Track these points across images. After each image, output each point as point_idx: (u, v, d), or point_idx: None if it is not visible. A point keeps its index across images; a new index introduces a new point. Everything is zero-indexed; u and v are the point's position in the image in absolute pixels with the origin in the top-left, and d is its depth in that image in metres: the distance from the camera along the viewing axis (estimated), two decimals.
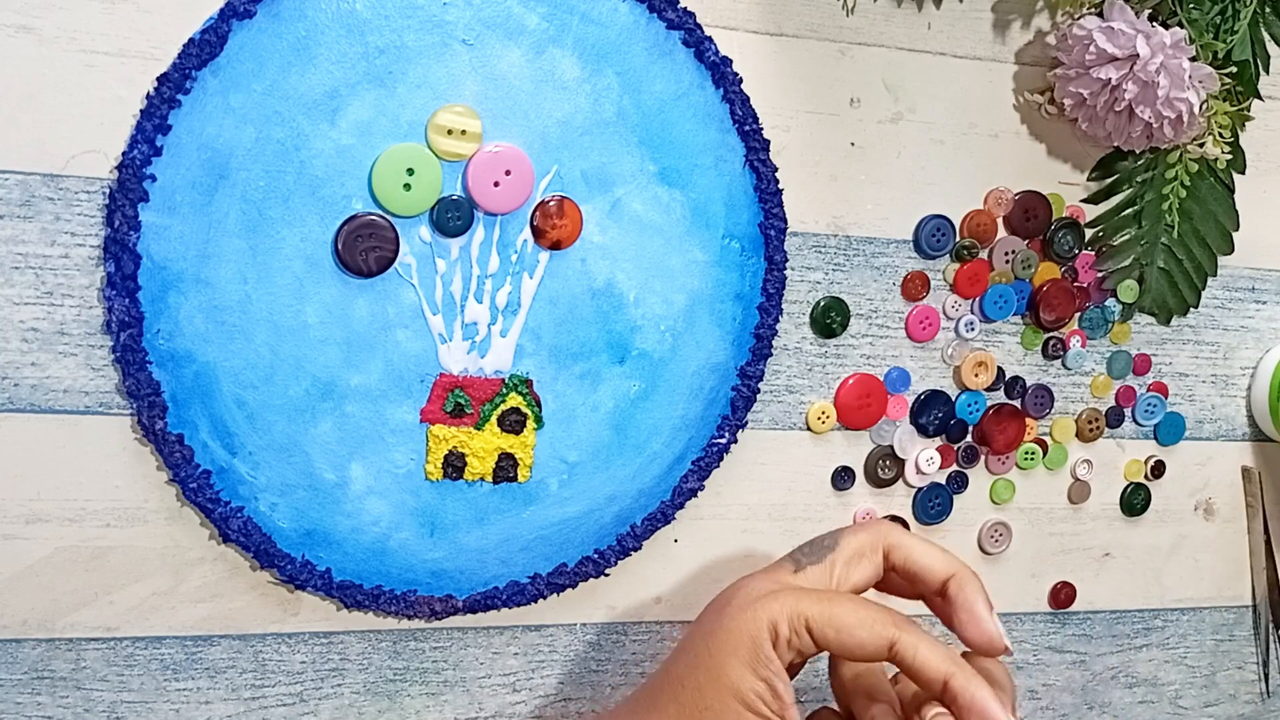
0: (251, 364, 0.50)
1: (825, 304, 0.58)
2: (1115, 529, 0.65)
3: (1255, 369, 0.67)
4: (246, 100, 0.48)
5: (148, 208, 0.48)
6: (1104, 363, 0.64)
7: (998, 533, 0.62)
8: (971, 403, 0.60)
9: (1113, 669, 0.66)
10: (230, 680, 0.52)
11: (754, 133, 0.55)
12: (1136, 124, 0.57)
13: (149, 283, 0.48)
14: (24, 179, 0.47)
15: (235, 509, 0.50)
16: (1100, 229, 0.62)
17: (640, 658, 0.58)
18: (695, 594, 0.58)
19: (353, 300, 0.51)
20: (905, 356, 0.60)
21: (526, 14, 0.51)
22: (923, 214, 0.59)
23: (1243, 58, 0.58)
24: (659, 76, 0.53)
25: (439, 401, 0.52)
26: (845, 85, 0.57)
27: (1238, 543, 0.68)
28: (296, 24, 0.49)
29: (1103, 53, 0.55)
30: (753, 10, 0.55)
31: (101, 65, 0.47)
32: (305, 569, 0.51)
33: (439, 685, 0.55)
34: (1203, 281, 0.64)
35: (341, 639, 0.53)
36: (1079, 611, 0.65)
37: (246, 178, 0.49)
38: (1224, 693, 0.69)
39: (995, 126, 0.60)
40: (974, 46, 0.59)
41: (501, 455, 0.53)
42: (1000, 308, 0.60)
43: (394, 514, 0.52)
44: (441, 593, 0.53)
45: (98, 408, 0.49)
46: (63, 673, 0.50)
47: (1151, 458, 0.65)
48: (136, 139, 0.47)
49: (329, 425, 0.51)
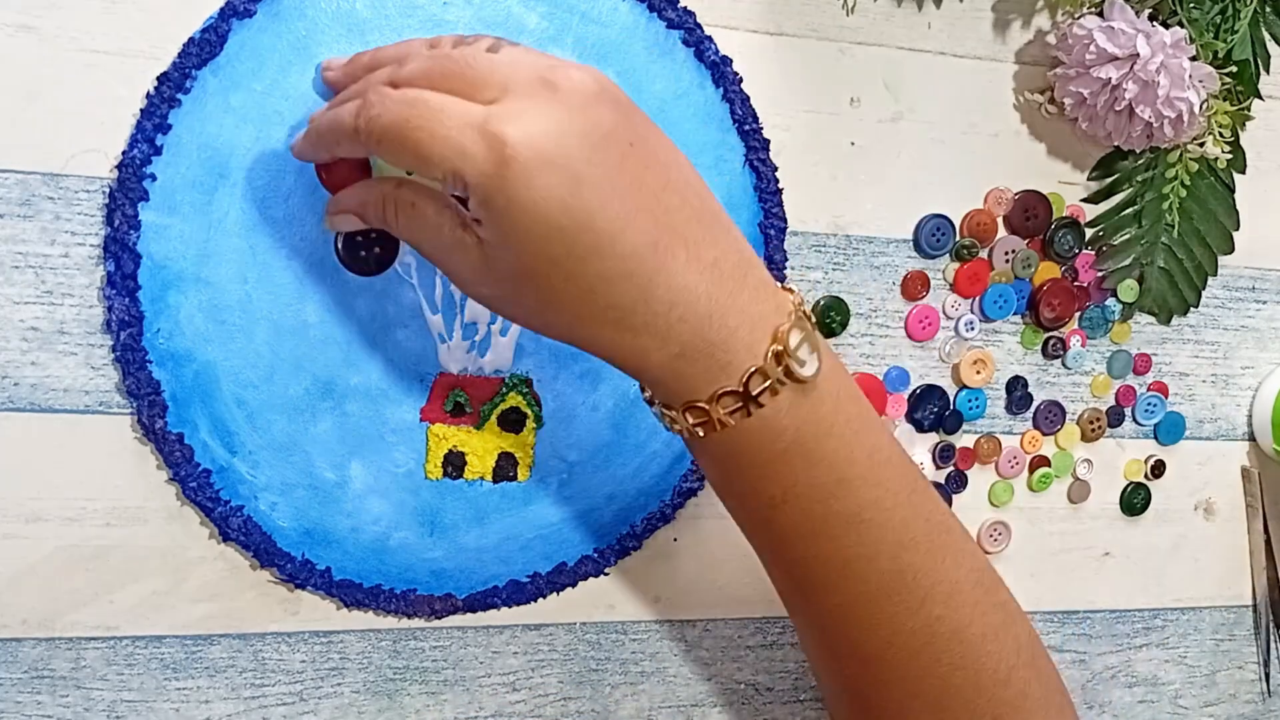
0: (251, 363, 0.50)
1: (825, 303, 0.58)
2: (1115, 528, 0.65)
3: (1256, 391, 0.67)
4: (247, 100, 0.48)
5: (148, 207, 0.48)
6: (1104, 362, 0.64)
7: (997, 532, 0.62)
8: (972, 399, 0.60)
9: (1112, 668, 0.66)
10: (230, 679, 0.52)
11: (754, 132, 0.55)
12: (1136, 124, 0.57)
13: (149, 282, 0.48)
14: (24, 178, 0.47)
15: (235, 508, 0.50)
16: (1100, 228, 0.62)
17: (640, 657, 0.58)
18: (695, 593, 0.58)
19: (353, 300, 0.51)
20: (905, 356, 0.60)
21: (526, 14, 0.51)
22: (922, 213, 0.59)
23: (1243, 57, 0.58)
24: (659, 76, 0.53)
25: (439, 401, 0.52)
26: (845, 85, 0.57)
27: (1238, 543, 0.68)
28: (296, 23, 0.49)
29: (1103, 52, 0.55)
30: (753, 10, 0.55)
31: (101, 65, 0.47)
32: (305, 568, 0.51)
33: (439, 684, 0.55)
34: (1203, 281, 0.64)
35: (341, 638, 0.53)
36: (1079, 611, 0.65)
37: (246, 177, 0.49)
38: (1224, 692, 0.69)
39: (995, 126, 0.60)
40: (974, 46, 0.59)
41: (501, 454, 0.54)
42: (1000, 307, 0.60)
43: (394, 513, 0.52)
44: (441, 592, 0.53)
45: (98, 407, 0.49)
46: (63, 672, 0.50)
47: (1151, 457, 0.65)
48: (136, 138, 0.47)
49: (329, 424, 0.51)
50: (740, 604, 0.59)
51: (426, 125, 0.39)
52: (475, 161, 0.38)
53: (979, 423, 0.61)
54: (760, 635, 0.60)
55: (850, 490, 0.44)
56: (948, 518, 0.47)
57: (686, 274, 0.40)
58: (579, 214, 0.38)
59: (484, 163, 0.38)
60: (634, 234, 0.39)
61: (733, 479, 0.45)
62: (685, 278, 0.40)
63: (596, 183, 0.38)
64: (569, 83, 0.39)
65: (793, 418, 0.42)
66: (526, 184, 0.38)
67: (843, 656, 0.48)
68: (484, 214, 0.39)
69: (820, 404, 0.43)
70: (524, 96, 0.39)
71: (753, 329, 0.41)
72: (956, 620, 0.46)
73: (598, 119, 0.39)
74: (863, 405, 0.45)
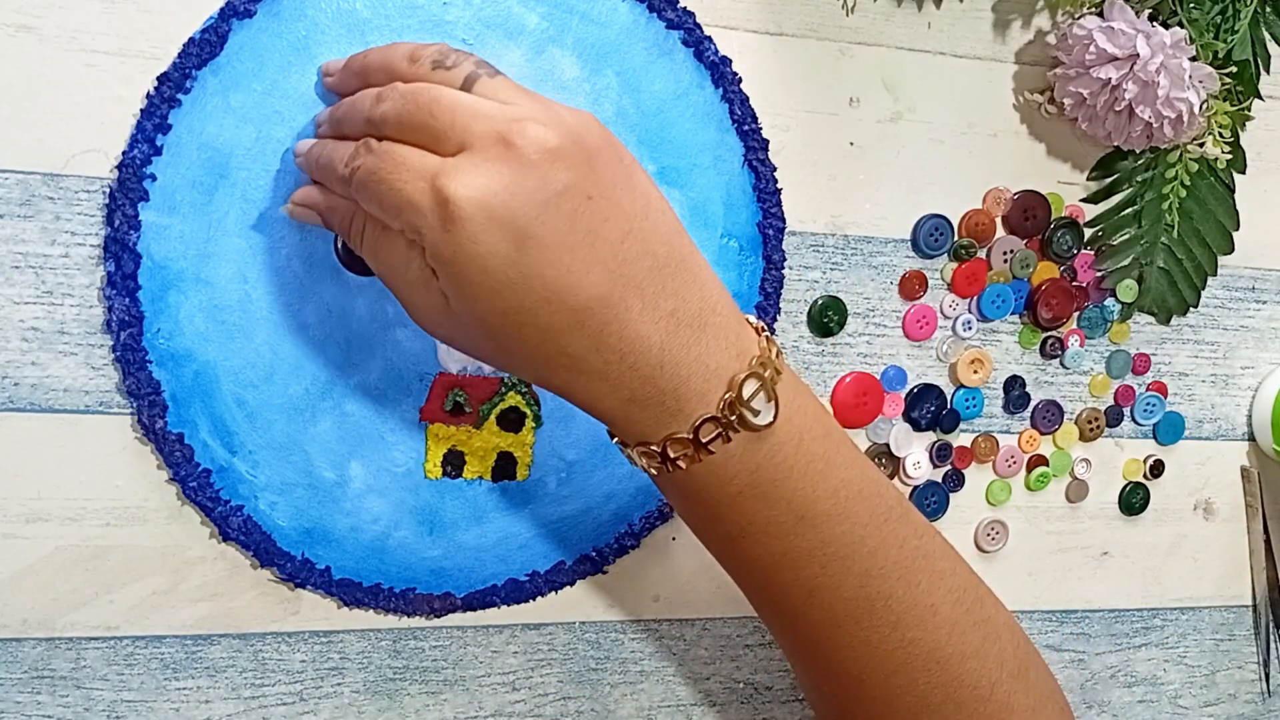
0: (251, 363, 0.50)
1: (823, 303, 0.58)
2: (1114, 528, 0.65)
3: (1256, 391, 0.67)
4: (247, 99, 0.48)
5: (148, 207, 0.48)
6: (1103, 362, 0.64)
7: (994, 531, 0.62)
8: (969, 399, 0.60)
9: (1112, 668, 0.66)
10: (230, 679, 0.52)
11: (753, 132, 0.55)
12: (1136, 124, 0.57)
13: (149, 282, 0.48)
14: (24, 178, 0.47)
15: (235, 508, 0.50)
16: (1100, 228, 0.62)
17: (639, 656, 0.58)
18: (693, 592, 0.58)
19: (353, 300, 0.51)
20: (902, 355, 0.60)
21: (526, 14, 0.51)
22: (921, 213, 0.59)
23: (1243, 57, 0.58)
24: (658, 76, 0.53)
25: (438, 400, 0.53)
26: (845, 85, 0.57)
27: (1237, 543, 0.68)
28: (296, 24, 0.49)
29: (1103, 52, 0.55)
30: (752, 10, 0.55)
31: (101, 65, 0.47)
32: (305, 567, 0.51)
33: (439, 684, 0.55)
34: (1203, 281, 0.64)
35: (341, 638, 0.53)
36: (1077, 610, 0.65)
37: (247, 177, 0.49)
38: (1224, 692, 0.69)
39: (995, 126, 0.60)
40: (974, 46, 0.59)
41: (500, 454, 0.54)
42: (998, 307, 0.60)
43: (393, 512, 0.53)
44: (440, 590, 0.54)
45: (98, 407, 0.49)
46: (63, 672, 0.50)
47: (1150, 457, 0.65)
48: (136, 138, 0.47)
49: (328, 424, 0.51)
50: (739, 603, 0.59)
51: (387, 178, 0.41)
52: (425, 216, 0.40)
53: (976, 422, 0.62)
54: (759, 634, 0.60)
55: (812, 527, 0.44)
56: (926, 541, 0.47)
57: (640, 324, 0.41)
58: (526, 268, 0.39)
59: (433, 217, 0.39)
60: (585, 287, 0.40)
61: (691, 514, 0.46)
62: (638, 328, 0.41)
63: (544, 239, 0.39)
64: (524, 140, 0.39)
65: (746, 463, 0.43)
66: (472, 240, 0.39)
67: (820, 674, 0.49)
68: (437, 266, 0.41)
69: (779, 449, 0.43)
70: (478, 153, 0.40)
71: (706, 378, 0.42)
72: (932, 642, 0.46)
73: (550, 177, 0.39)
74: (830, 442, 0.45)
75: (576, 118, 0.41)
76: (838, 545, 0.45)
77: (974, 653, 0.47)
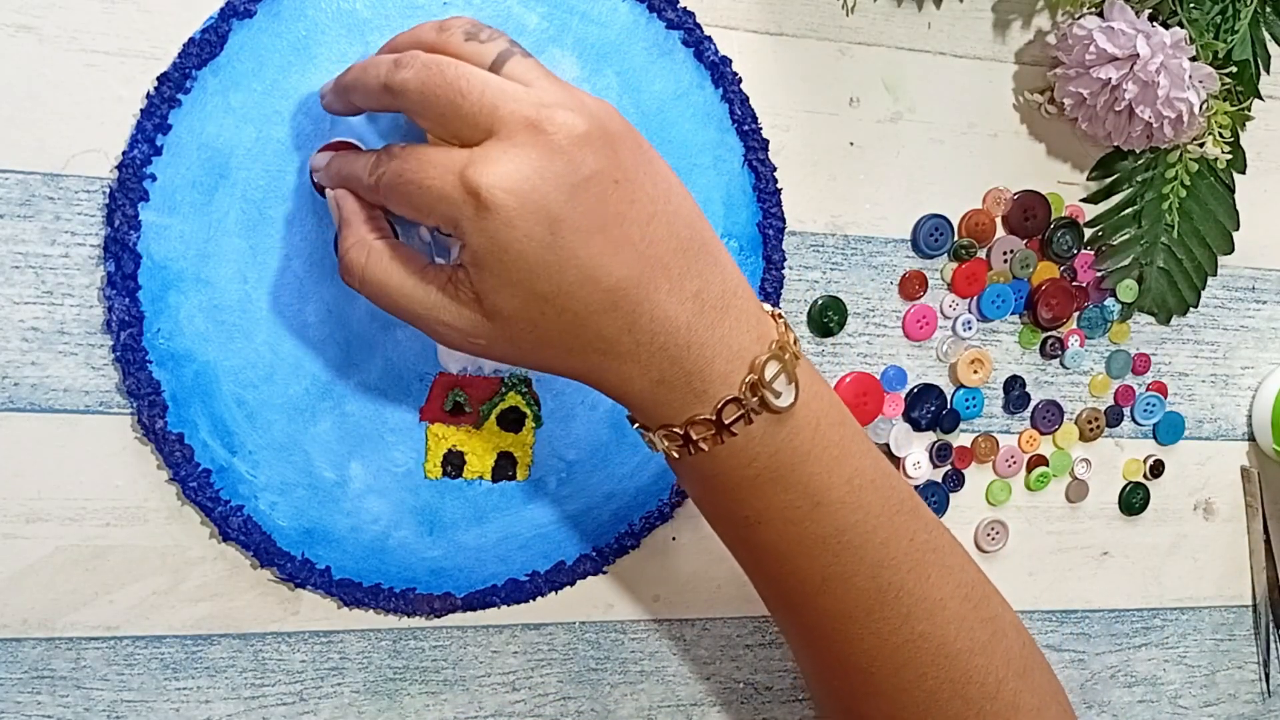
0: (251, 363, 0.50)
1: (823, 303, 0.58)
2: (1114, 528, 0.65)
3: (1256, 391, 0.67)
4: (247, 100, 0.48)
5: (148, 207, 0.48)
6: (1103, 362, 0.64)
7: (994, 531, 0.62)
8: (969, 399, 0.61)
9: (1112, 668, 0.66)
10: (230, 679, 0.52)
11: (753, 132, 0.55)
12: (1136, 124, 0.57)
13: (149, 282, 0.48)
14: (24, 179, 0.47)
15: (235, 508, 0.50)
16: (1100, 228, 0.62)
17: (639, 656, 0.58)
18: (693, 592, 0.58)
19: (353, 300, 0.51)
20: (902, 355, 0.60)
21: (526, 14, 0.51)
22: (921, 213, 0.59)
23: (1243, 57, 0.58)
24: (658, 76, 0.53)
25: (438, 400, 0.53)
26: (845, 85, 0.57)
27: (1237, 543, 0.68)
28: (296, 24, 0.49)
29: (1103, 52, 0.55)
30: (752, 10, 0.55)
31: (101, 65, 0.47)
32: (305, 567, 0.51)
33: (439, 684, 0.55)
34: (1203, 281, 0.64)
35: (341, 638, 0.53)
36: (1077, 610, 0.65)
37: (246, 177, 0.49)
38: (1224, 692, 0.69)
39: (995, 126, 0.60)
40: (974, 46, 0.59)
41: (500, 454, 0.54)
42: (998, 307, 0.60)
43: (393, 512, 0.53)
44: (440, 590, 0.54)
45: (98, 407, 0.49)
46: (63, 672, 0.50)
47: (1150, 457, 0.65)
48: (136, 138, 0.47)
49: (328, 424, 0.51)
50: (739, 603, 0.59)
51: (415, 178, 0.41)
52: (460, 207, 0.40)
53: (976, 422, 0.62)
54: (759, 634, 0.60)
55: (827, 513, 0.45)
56: (935, 535, 0.48)
57: (668, 304, 0.42)
58: (560, 250, 0.40)
59: (467, 208, 0.40)
60: (618, 267, 0.41)
61: (709, 499, 0.46)
62: (666, 308, 0.42)
63: (575, 222, 0.40)
64: (554, 126, 0.40)
65: (766, 445, 0.43)
66: (508, 226, 0.40)
67: (828, 668, 0.49)
68: (475, 257, 0.41)
69: (797, 432, 0.44)
70: (506, 139, 0.40)
71: (729, 360, 0.42)
72: (941, 636, 0.46)
73: (578, 162, 0.40)
74: (846, 430, 0.46)
75: (599, 104, 0.42)
76: (851, 534, 0.45)
77: (981, 649, 0.47)
